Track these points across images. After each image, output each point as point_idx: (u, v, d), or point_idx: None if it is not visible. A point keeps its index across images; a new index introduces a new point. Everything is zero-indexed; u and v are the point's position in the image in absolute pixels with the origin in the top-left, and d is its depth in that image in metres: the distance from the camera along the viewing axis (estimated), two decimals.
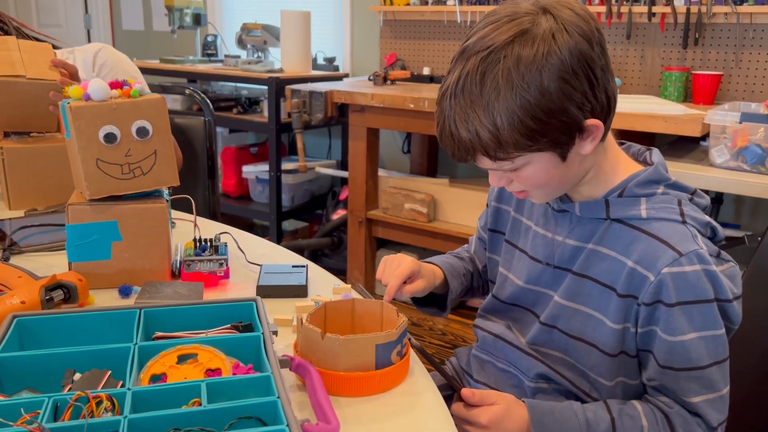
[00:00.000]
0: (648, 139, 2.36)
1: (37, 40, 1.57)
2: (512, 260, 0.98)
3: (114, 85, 0.91)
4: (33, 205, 1.28)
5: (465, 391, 0.84)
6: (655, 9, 2.38)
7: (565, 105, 0.74)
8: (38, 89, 1.25)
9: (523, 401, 0.86)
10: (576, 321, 0.86)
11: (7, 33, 1.50)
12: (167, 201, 0.96)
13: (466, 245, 1.17)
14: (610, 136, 0.85)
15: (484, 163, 0.80)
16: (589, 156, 0.82)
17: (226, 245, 1.05)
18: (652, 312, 0.80)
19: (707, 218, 0.84)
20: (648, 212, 0.82)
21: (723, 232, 0.86)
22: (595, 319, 0.85)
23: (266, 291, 0.96)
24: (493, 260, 1.03)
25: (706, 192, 1.97)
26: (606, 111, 0.79)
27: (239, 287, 0.99)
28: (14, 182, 1.28)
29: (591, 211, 0.85)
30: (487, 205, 1.06)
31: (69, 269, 0.94)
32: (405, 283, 0.95)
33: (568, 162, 0.80)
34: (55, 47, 1.59)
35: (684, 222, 0.81)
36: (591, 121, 0.77)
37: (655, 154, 0.88)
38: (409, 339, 0.78)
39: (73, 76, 1.29)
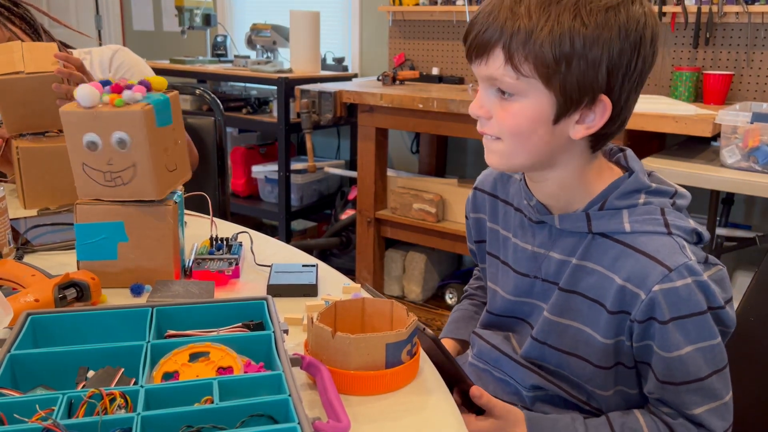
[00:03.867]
0: (658, 139, 2.35)
1: (62, 43, 1.58)
2: (497, 273, 0.96)
3: (116, 88, 0.90)
4: (47, 204, 1.29)
5: (474, 390, 0.84)
6: (665, 9, 2.37)
7: (601, 57, 0.73)
8: (39, 83, 1.23)
9: (523, 413, 0.85)
10: (567, 337, 0.85)
11: (36, 31, 1.50)
12: (176, 203, 0.96)
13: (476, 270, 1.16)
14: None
15: (493, 64, 0.76)
16: (572, 154, 0.80)
17: (240, 245, 1.06)
18: (647, 328, 0.78)
19: (692, 224, 0.82)
20: (632, 225, 0.80)
21: (708, 234, 0.84)
22: (586, 334, 0.83)
23: (277, 290, 0.96)
24: (485, 271, 1.02)
25: (717, 192, 1.98)
26: (616, 114, 0.77)
27: (249, 286, 1.00)
28: (29, 181, 1.28)
29: (571, 224, 0.83)
30: (467, 217, 1.04)
31: (77, 267, 0.95)
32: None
33: (555, 129, 0.77)
34: (69, 47, 1.60)
35: (670, 233, 0.79)
36: (605, 98, 0.75)
37: (631, 158, 0.85)
38: (423, 329, 0.78)
39: (79, 69, 1.28)
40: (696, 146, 2.13)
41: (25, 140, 1.29)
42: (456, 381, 0.84)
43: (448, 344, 1.06)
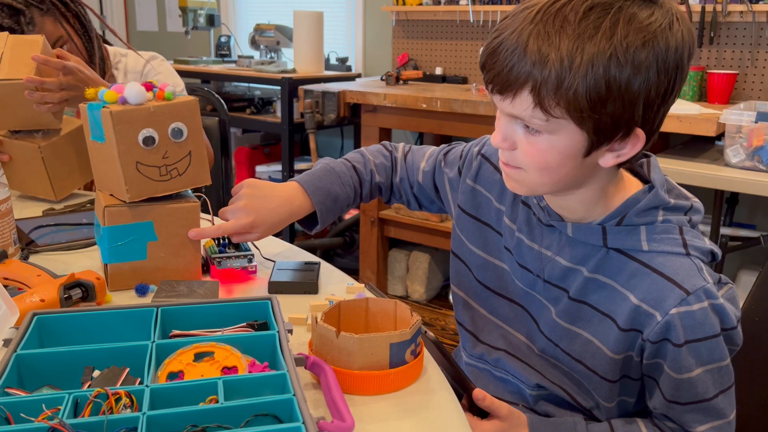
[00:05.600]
0: (662, 138, 2.35)
1: (104, 40, 1.57)
2: (502, 253, 0.93)
3: (146, 87, 0.92)
4: (73, 188, 1.34)
5: (477, 393, 0.84)
6: None
7: (639, 93, 0.68)
8: (13, 90, 1.21)
9: (526, 416, 0.85)
10: (577, 345, 0.84)
11: (87, 33, 1.47)
12: (198, 200, 0.98)
13: (409, 150, 1.09)
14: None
15: (520, 105, 0.70)
16: (598, 177, 0.77)
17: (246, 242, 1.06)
18: (659, 348, 0.78)
19: (707, 244, 0.80)
20: (650, 245, 0.78)
21: (720, 252, 0.82)
22: (594, 346, 0.82)
23: (278, 287, 0.96)
24: (462, 241, 0.98)
25: (721, 192, 1.97)
26: (649, 138, 0.73)
27: (258, 283, 1.00)
28: (55, 173, 1.32)
29: (586, 235, 0.80)
30: (460, 171, 0.99)
31: (104, 270, 0.96)
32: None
33: (585, 162, 0.73)
34: (108, 43, 1.59)
35: (688, 254, 0.78)
36: (640, 131, 0.71)
37: (654, 168, 0.82)
38: (425, 332, 0.78)
39: (62, 69, 1.24)
40: (700, 146, 2.12)
41: (24, 137, 1.30)
42: (458, 383, 0.84)
43: (295, 211, 1.01)
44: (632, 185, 0.82)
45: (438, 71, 3.01)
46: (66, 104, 1.26)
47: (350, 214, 3.10)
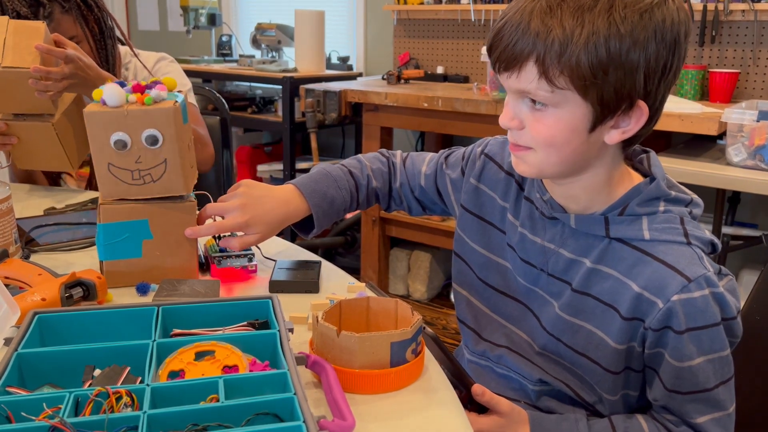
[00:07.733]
0: (664, 137, 2.34)
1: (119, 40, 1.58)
2: (504, 251, 0.93)
3: (137, 88, 0.91)
4: (84, 156, 1.39)
5: (476, 388, 0.84)
6: None
7: (639, 62, 0.70)
8: (16, 77, 1.22)
9: (527, 412, 0.85)
10: (580, 338, 0.84)
11: (104, 40, 1.47)
12: (195, 199, 0.97)
13: (408, 157, 1.09)
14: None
15: (526, 77, 0.73)
16: (603, 159, 0.79)
17: None
18: (661, 336, 0.78)
19: (708, 235, 0.81)
20: (651, 234, 0.79)
21: (720, 244, 0.83)
22: (598, 337, 0.83)
23: (279, 286, 0.97)
24: (464, 240, 0.99)
25: (723, 191, 1.97)
26: (652, 115, 0.75)
27: (259, 281, 1.00)
28: (69, 146, 1.34)
29: (588, 226, 0.82)
30: (463, 172, 1.00)
31: (100, 268, 0.96)
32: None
33: (590, 138, 0.75)
34: (122, 43, 1.58)
35: (689, 243, 0.79)
36: (642, 103, 0.73)
37: (654, 163, 0.83)
38: (424, 328, 0.78)
39: (65, 59, 1.24)
40: (702, 145, 2.12)
41: (30, 118, 1.30)
42: (457, 379, 0.84)
43: (291, 213, 1.01)
44: (633, 179, 0.83)
45: (439, 70, 3.01)
46: (65, 91, 1.27)
47: (351, 213, 3.11)
